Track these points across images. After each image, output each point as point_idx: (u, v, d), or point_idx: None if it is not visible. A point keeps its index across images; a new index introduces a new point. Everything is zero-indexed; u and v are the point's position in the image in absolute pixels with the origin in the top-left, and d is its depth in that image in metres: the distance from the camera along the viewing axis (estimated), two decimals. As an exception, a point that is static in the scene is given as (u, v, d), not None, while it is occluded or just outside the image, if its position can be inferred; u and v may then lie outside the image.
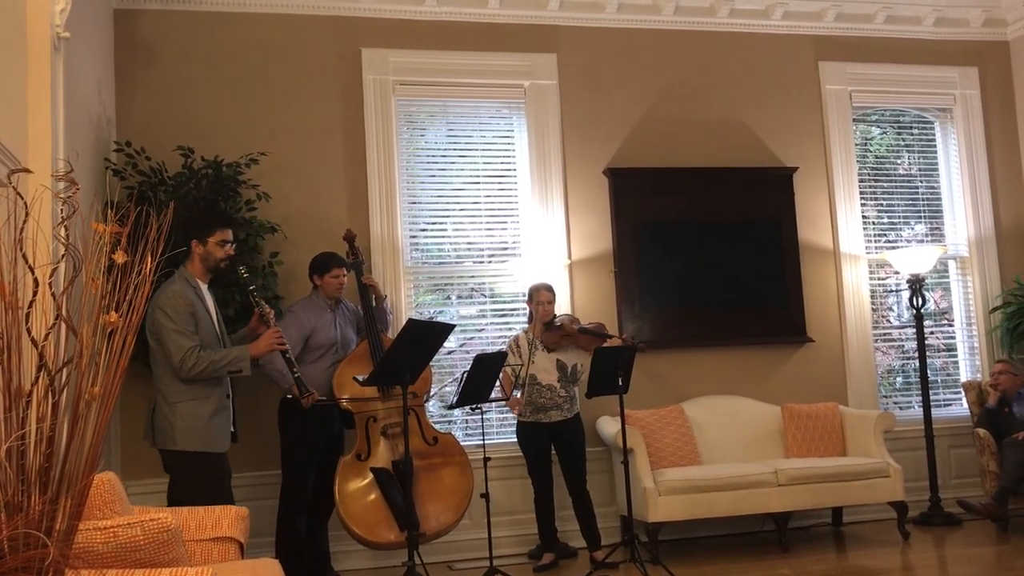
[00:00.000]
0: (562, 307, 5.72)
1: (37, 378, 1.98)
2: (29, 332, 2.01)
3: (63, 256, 2.09)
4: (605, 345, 5.21)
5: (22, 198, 2.03)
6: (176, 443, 4.13)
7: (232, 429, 4.39)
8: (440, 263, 6.03)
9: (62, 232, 2.09)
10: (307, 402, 4.66)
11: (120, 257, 2.11)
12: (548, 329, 5.32)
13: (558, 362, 5.27)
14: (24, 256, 2.03)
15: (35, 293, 2.02)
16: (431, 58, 5.99)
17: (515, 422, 5.81)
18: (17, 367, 1.99)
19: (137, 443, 5.07)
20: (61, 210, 2.13)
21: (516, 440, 5.70)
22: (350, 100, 5.86)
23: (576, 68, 6.23)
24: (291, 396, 4.73)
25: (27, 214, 2.02)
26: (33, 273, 2.02)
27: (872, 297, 6.61)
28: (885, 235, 6.78)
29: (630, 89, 6.31)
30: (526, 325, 5.71)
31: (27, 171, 2.22)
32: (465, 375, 4.57)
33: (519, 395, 5.28)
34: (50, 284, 2.06)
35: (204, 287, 4.34)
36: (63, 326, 2.04)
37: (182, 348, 4.08)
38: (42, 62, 3.60)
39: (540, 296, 5.35)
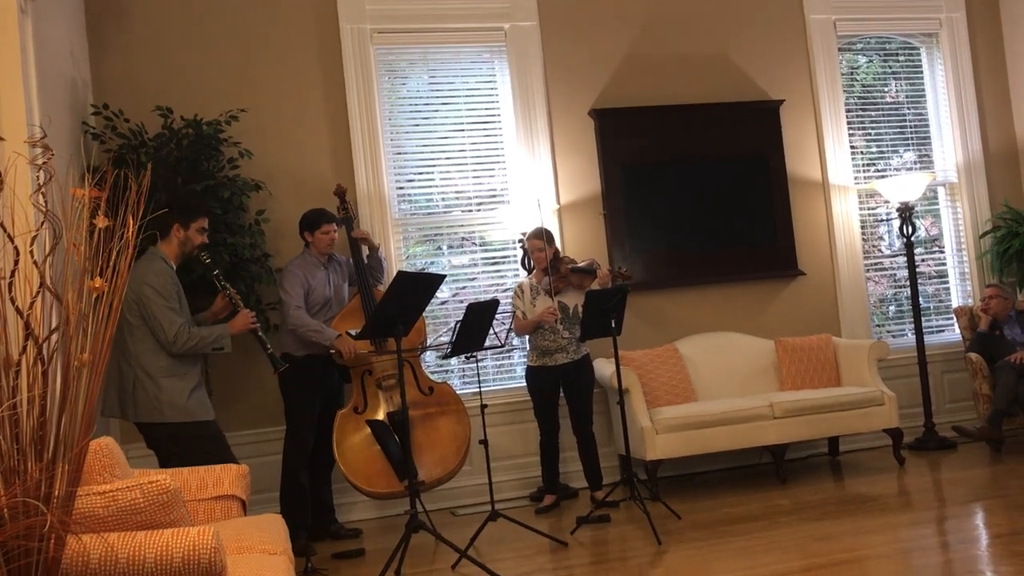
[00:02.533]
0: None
1: (25, 347, 1.97)
2: (13, 301, 2.00)
3: (42, 223, 2.07)
4: (595, 281, 5.25)
5: (-4, 166, 2.00)
6: (164, 415, 4.16)
7: None
8: (429, 213, 6.00)
9: (40, 199, 2.07)
10: (348, 354, 4.85)
11: (101, 222, 2.08)
12: (547, 274, 5.35)
13: (560, 304, 5.29)
14: (2, 225, 2.00)
15: (16, 262, 2.00)
16: (408, 4, 5.88)
17: (514, 368, 5.85)
18: (4, 336, 1.98)
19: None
20: (38, 176, 2.09)
21: (511, 386, 5.77)
22: (328, 51, 5.77)
23: (556, 7, 6.12)
24: (338, 360, 4.91)
25: (2, 182, 1.99)
26: (12, 242, 2.00)
27: (862, 227, 6.61)
28: (874, 164, 6.76)
29: (612, 27, 6.22)
30: (521, 272, 5.73)
31: (-1, 138, 2.18)
32: (458, 324, 4.57)
33: (550, 305, 5.27)
34: (32, 252, 2.04)
35: (174, 268, 4.36)
36: (47, 294, 2.03)
37: (175, 324, 4.13)
38: (9, 26, 3.53)
39: (530, 244, 5.37)
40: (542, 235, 5.33)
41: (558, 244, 5.90)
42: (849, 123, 6.63)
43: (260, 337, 4.50)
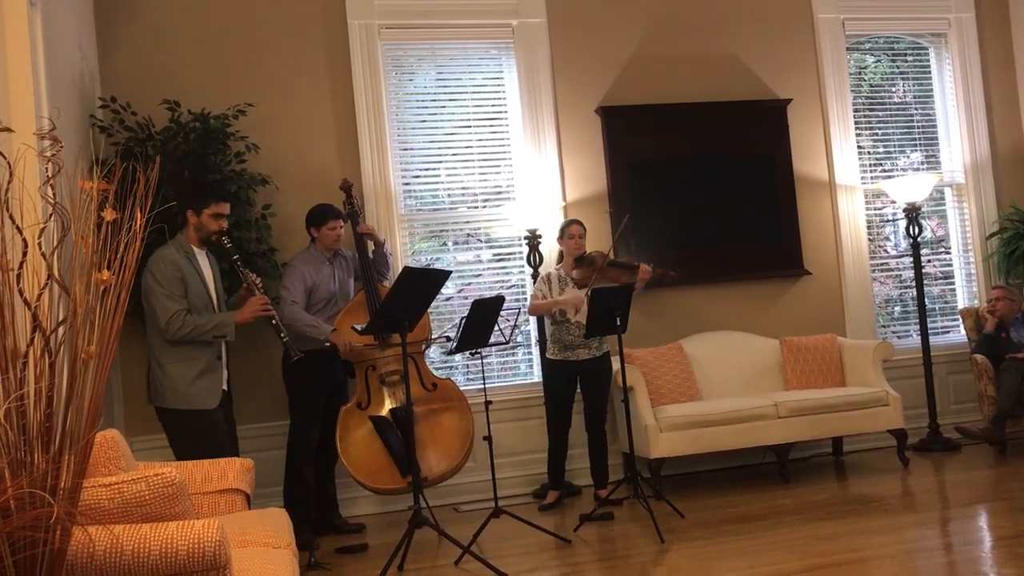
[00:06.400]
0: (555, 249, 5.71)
1: (32, 339, 1.98)
2: (21, 293, 2.00)
3: (51, 215, 2.07)
4: (636, 277, 5.19)
5: (5, 158, 2.00)
6: (165, 401, 4.31)
7: (225, 388, 4.45)
8: (435, 210, 6.00)
9: (48, 191, 2.07)
10: (344, 348, 4.83)
11: (109, 214, 2.08)
12: (578, 265, 5.31)
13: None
14: (11, 217, 2.00)
15: (25, 254, 2.00)
16: None
17: (519, 365, 5.85)
18: (11, 328, 1.99)
19: (139, 400, 5.11)
20: (46, 169, 2.10)
21: (516, 383, 5.77)
22: (336, 46, 5.77)
23: (564, 5, 6.11)
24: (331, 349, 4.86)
25: (11, 174, 1.99)
26: (21, 234, 2.00)
27: (869, 227, 6.59)
28: (881, 164, 6.74)
29: (620, 25, 6.21)
30: (527, 268, 5.72)
31: (8, 130, 2.18)
32: (464, 320, 4.57)
33: (580, 294, 5.20)
34: (40, 244, 2.04)
35: (201, 253, 4.44)
36: (55, 286, 2.03)
37: (168, 311, 4.21)
38: (19, 19, 3.54)
39: (572, 230, 5.32)
40: (582, 223, 5.33)
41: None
42: (856, 123, 6.62)
43: (275, 324, 4.51)
